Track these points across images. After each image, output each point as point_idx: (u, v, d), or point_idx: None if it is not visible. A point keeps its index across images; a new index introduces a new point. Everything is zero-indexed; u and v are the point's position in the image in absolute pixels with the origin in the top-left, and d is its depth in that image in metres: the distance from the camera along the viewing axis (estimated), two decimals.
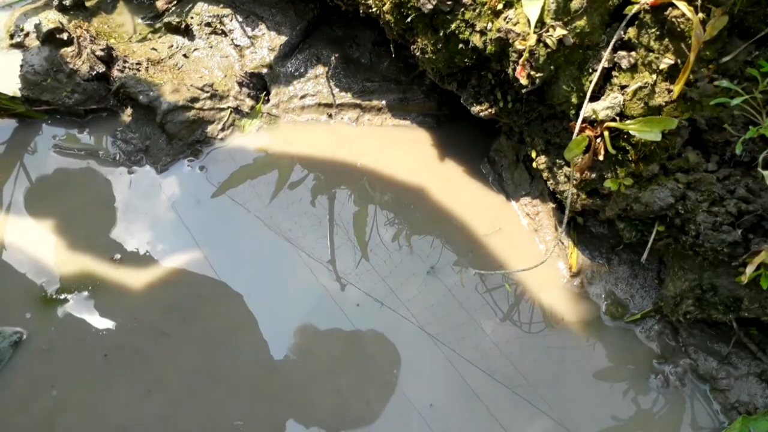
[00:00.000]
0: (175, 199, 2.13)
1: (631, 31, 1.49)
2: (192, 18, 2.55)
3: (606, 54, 1.50)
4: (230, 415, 1.68)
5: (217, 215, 2.09)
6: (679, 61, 1.41)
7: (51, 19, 2.44)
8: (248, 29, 2.51)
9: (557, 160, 1.82)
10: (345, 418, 1.68)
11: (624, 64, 1.51)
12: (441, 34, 1.78)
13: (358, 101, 2.38)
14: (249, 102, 2.39)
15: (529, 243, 2.03)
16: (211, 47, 2.50)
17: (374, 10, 1.96)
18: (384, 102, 2.38)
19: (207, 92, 2.31)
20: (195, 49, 2.49)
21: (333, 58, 2.44)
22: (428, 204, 2.13)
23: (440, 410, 1.69)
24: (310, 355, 1.79)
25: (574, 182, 1.71)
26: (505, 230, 2.06)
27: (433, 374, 1.76)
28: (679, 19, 1.37)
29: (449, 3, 1.71)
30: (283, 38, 2.46)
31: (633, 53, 1.50)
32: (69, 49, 2.32)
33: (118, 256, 1.98)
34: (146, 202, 2.13)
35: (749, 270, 1.43)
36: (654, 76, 1.47)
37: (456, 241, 2.03)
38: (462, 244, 2.02)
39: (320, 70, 2.42)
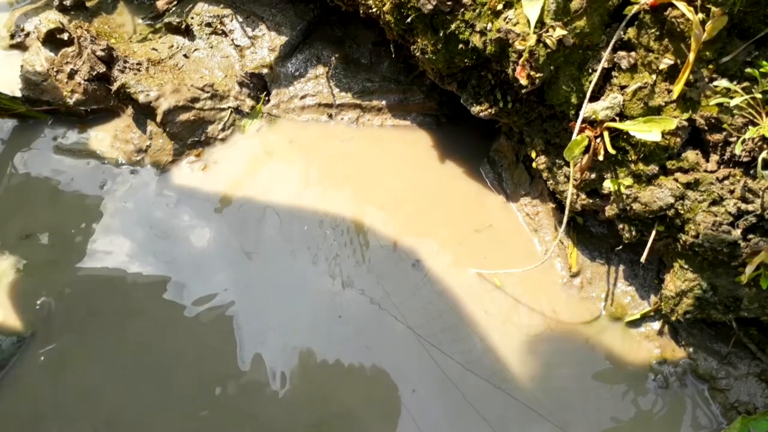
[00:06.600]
0: (175, 200, 2.13)
1: (631, 32, 1.49)
2: (192, 18, 2.55)
3: (606, 54, 1.50)
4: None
5: (216, 215, 2.10)
6: (678, 61, 1.41)
7: (51, 19, 2.45)
8: (248, 29, 2.52)
9: (557, 160, 1.82)
10: (331, 423, 1.68)
11: (624, 64, 1.51)
12: (441, 34, 1.79)
13: (358, 101, 2.38)
14: (249, 102, 2.39)
15: (528, 243, 2.03)
16: (211, 47, 2.50)
17: (374, 10, 1.97)
18: (384, 102, 2.38)
19: (207, 92, 2.31)
20: (195, 50, 2.50)
21: (333, 58, 2.44)
22: (427, 204, 2.13)
23: (437, 413, 1.69)
24: (303, 359, 1.79)
25: (574, 182, 1.71)
26: (504, 230, 2.06)
27: (430, 377, 1.75)
28: (678, 20, 1.37)
29: (449, 3, 1.71)
30: (284, 38, 2.46)
31: (633, 53, 1.50)
32: (69, 49, 2.32)
33: (117, 256, 1.98)
34: (146, 202, 2.13)
35: (749, 270, 1.43)
36: (654, 77, 1.47)
37: (455, 241, 2.03)
38: (461, 244, 2.02)
39: (320, 70, 2.42)
